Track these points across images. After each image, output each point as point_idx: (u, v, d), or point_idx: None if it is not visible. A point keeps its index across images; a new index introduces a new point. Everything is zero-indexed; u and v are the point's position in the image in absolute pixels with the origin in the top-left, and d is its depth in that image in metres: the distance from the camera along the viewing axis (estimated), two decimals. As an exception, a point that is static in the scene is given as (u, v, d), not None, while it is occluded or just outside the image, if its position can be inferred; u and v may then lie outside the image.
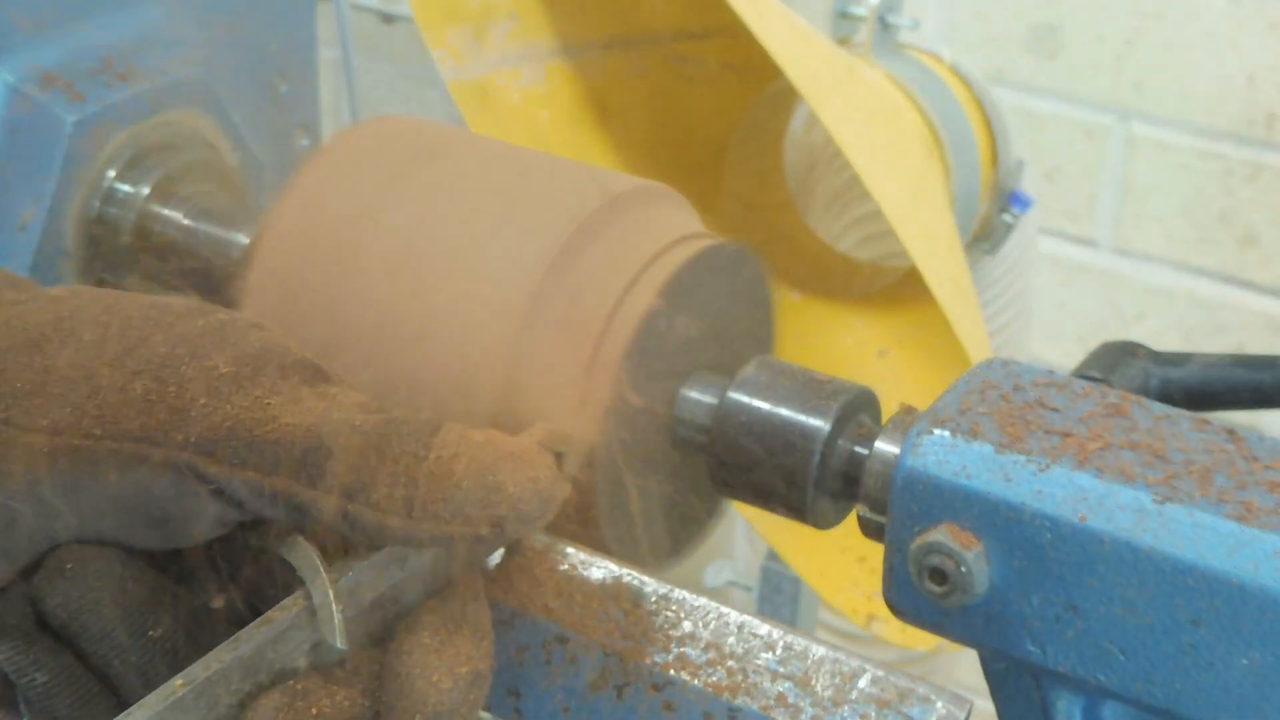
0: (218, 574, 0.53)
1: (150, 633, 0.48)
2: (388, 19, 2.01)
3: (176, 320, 0.51)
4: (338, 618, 0.47)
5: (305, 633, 0.48)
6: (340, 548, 0.50)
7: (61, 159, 0.76)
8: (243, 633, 0.47)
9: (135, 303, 0.52)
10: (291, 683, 0.47)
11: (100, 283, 0.79)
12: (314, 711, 0.47)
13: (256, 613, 0.48)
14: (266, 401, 0.49)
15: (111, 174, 0.78)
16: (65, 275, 0.78)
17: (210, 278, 0.76)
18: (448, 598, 0.50)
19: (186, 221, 0.78)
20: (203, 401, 0.49)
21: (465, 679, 0.48)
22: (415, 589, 0.51)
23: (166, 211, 0.78)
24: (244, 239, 0.75)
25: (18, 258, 0.76)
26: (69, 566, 0.49)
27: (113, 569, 0.49)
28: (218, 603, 0.52)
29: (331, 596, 0.48)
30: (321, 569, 0.48)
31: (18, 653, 0.48)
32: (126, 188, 0.78)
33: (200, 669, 0.45)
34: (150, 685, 0.45)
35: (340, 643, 0.47)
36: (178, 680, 0.45)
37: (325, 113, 0.99)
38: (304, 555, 0.49)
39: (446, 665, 0.48)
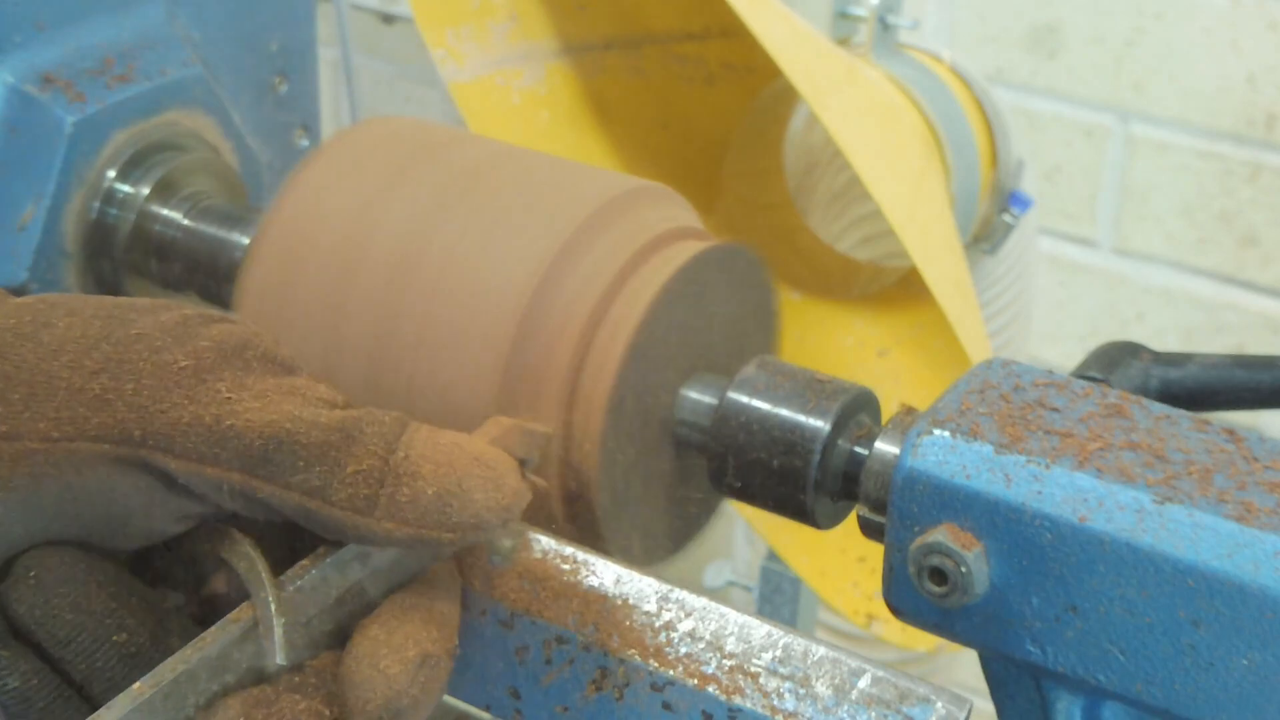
0: (184, 576, 0.53)
1: (115, 637, 0.48)
2: (388, 19, 2.01)
3: (138, 317, 0.51)
4: (278, 632, 0.47)
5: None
6: (307, 543, 0.50)
7: (61, 159, 0.76)
8: (208, 633, 0.46)
9: (98, 303, 0.52)
10: (253, 690, 0.47)
11: (100, 282, 0.79)
12: None
13: (221, 614, 0.48)
14: (226, 396, 0.49)
15: (111, 174, 0.78)
16: (65, 275, 0.78)
17: (210, 278, 0.76)
18: (406, 590, 0.50)
19: (186, 221, 0.78)
20: (160, 397, 0.49)
21: (413, 662, 0.47)
22: (379, 585, 0.51)
23: (166, 211, 0.78)
24: (244, 239, 0.75)
25: (18, 258, 0.76)
26: (32, 573, 0.49)
27: (76, 574, 0.49)
28: (189, 606, 0.52)
29: (274, 610, 0.47)
30: (266, 580, 0.48)
31: None
32: (126, 188, 0.78)
33: (167, 671, 0.45)
34: (118, 689, 0.45)
35: (281, 658, 0.47)
36: (142, 683, 0.44)
37: (325, 113, 0.99)
38: (249, 566, 0.49)
39: (395, 652, 0.47)
